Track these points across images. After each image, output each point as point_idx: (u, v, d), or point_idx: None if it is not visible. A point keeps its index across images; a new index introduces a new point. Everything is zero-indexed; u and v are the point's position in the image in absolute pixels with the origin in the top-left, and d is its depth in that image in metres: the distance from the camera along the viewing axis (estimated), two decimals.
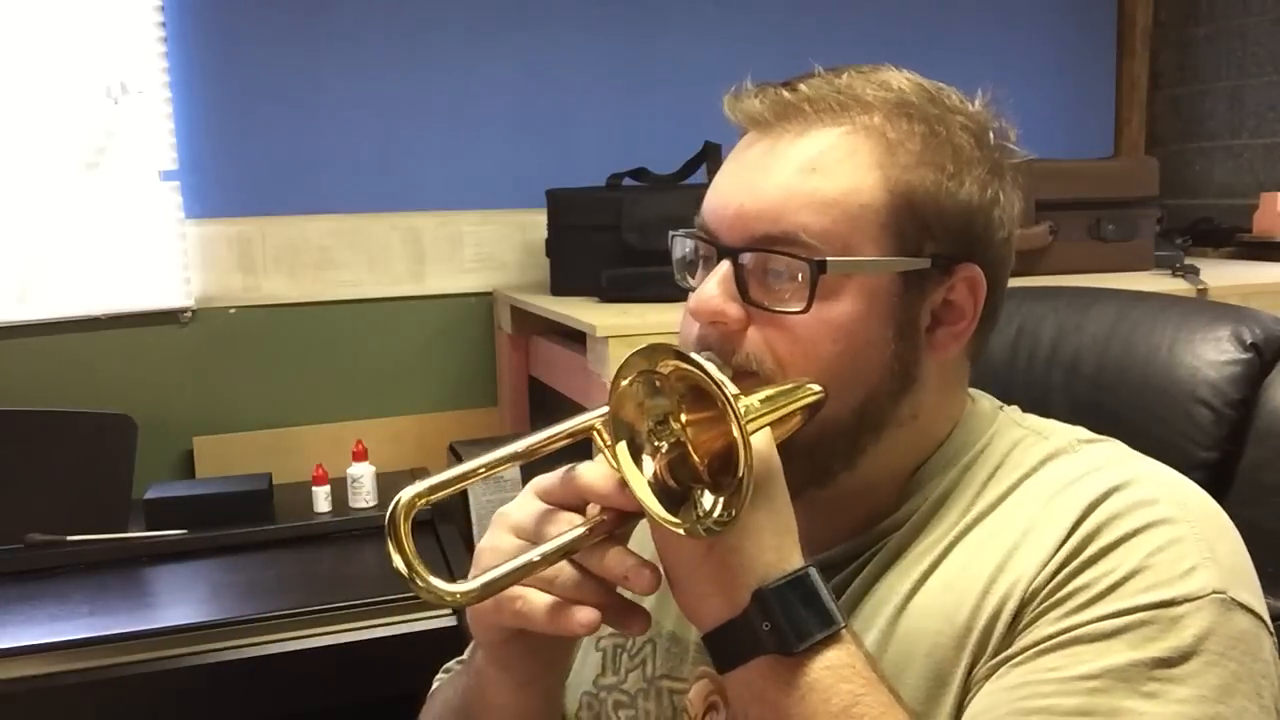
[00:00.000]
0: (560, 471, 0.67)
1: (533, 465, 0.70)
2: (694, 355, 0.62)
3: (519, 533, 0.67)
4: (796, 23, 2.37)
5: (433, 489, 0.63)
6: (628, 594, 0.66)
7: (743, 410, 0.60)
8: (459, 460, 2.11)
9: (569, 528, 0.65)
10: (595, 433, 0.66)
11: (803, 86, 0.74)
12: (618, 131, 2.26)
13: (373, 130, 2.16)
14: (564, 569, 0.65)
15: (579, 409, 0.70)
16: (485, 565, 0.65)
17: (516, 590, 0.65)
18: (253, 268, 2.12)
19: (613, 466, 0.65)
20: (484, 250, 2.25)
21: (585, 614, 0.64)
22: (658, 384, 0.64)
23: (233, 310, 2.11)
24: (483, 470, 0.65)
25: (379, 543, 1.74)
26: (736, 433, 0.59)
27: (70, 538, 1.70)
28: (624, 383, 0.64)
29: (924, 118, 0.73)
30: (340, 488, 1.89)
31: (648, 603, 0.83)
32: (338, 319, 2.17)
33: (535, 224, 2.16)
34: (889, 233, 0.71)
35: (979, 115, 0.76)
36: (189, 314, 2.08)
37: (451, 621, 1.51)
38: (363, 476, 1.88)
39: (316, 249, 2.15)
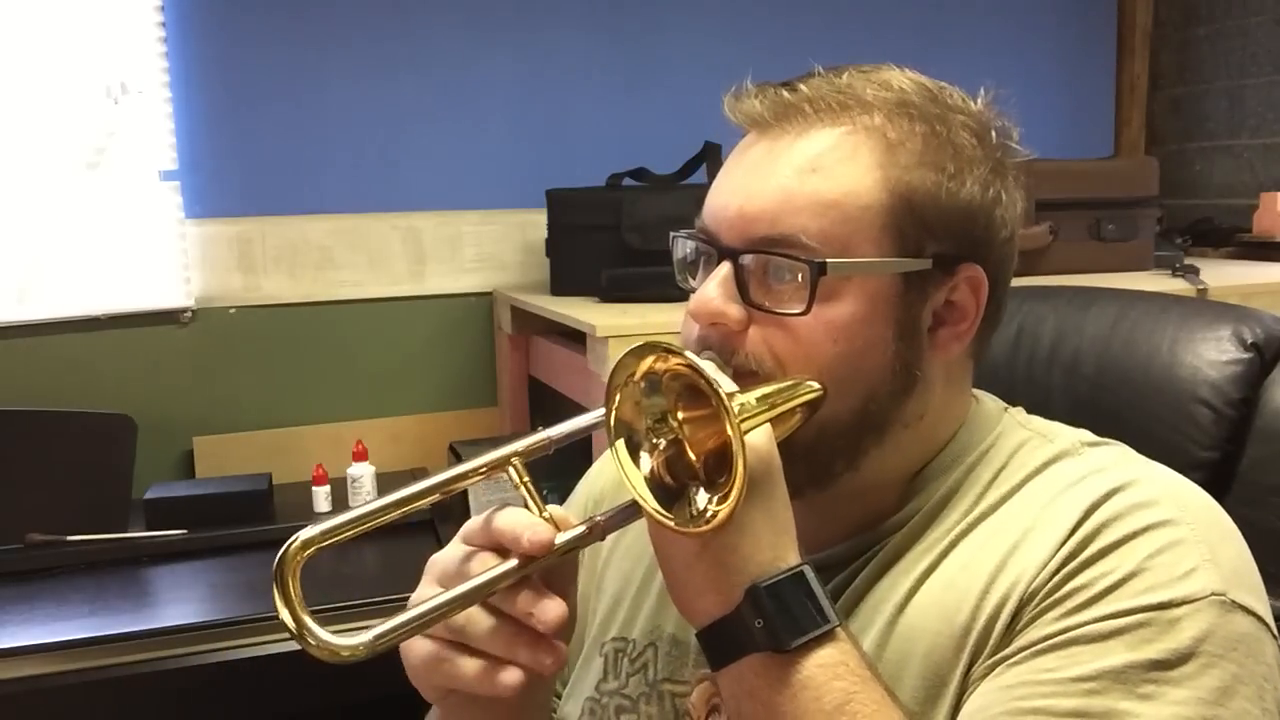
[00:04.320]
0: (485, 515, 0.67)
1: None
2: (689, 354, 0.62)
3: (442, 580, 0.66)
4: (797, 23, 2.37)
5: (326, 534, 0.60)
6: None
7: (737, 409, 0.60)
8: (459, 460, 2.11)
9: (484, 570, 0.64)
10: (511, 467, 0.66)
11: (803, 87, 0.73)
12: (618, 131, 2.25)
13: (373, 130, 2.16)
14: (475, 619, 0.64)
15: (579, 409, 0.70)
16: None
17: (444, 653, 0.65)
18: (253, 268, 2.12)
19: (533, 502, 0.65)
20: (484, 250, 2.25)
21: (509, 675, 0.63)
22: (655, 382, 0.64)
23: (233, 310, 2.11)
24: (382, 513, 0.63)
25: (379, 543, 1.74)
26: (731, 431, 0.59)
27: (70, 538, 1.70)
28: (619, 381, 0.64)
29: (925, 117, 0.73)
30: (340, 488, 1.89)
31: (649, 607, 0.83)
32: (338, 319, 2.17)
33: (535, 224, 2.16)
34: (889, 233, 0.71)
35: (981, 115, 0.75)
36: (189, 314, 2.08)
37: None
38: (363, 476, 1.88)
39: (316, 249, 2.15)
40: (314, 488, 1.87)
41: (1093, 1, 2.65)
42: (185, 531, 1.75)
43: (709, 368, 0.61)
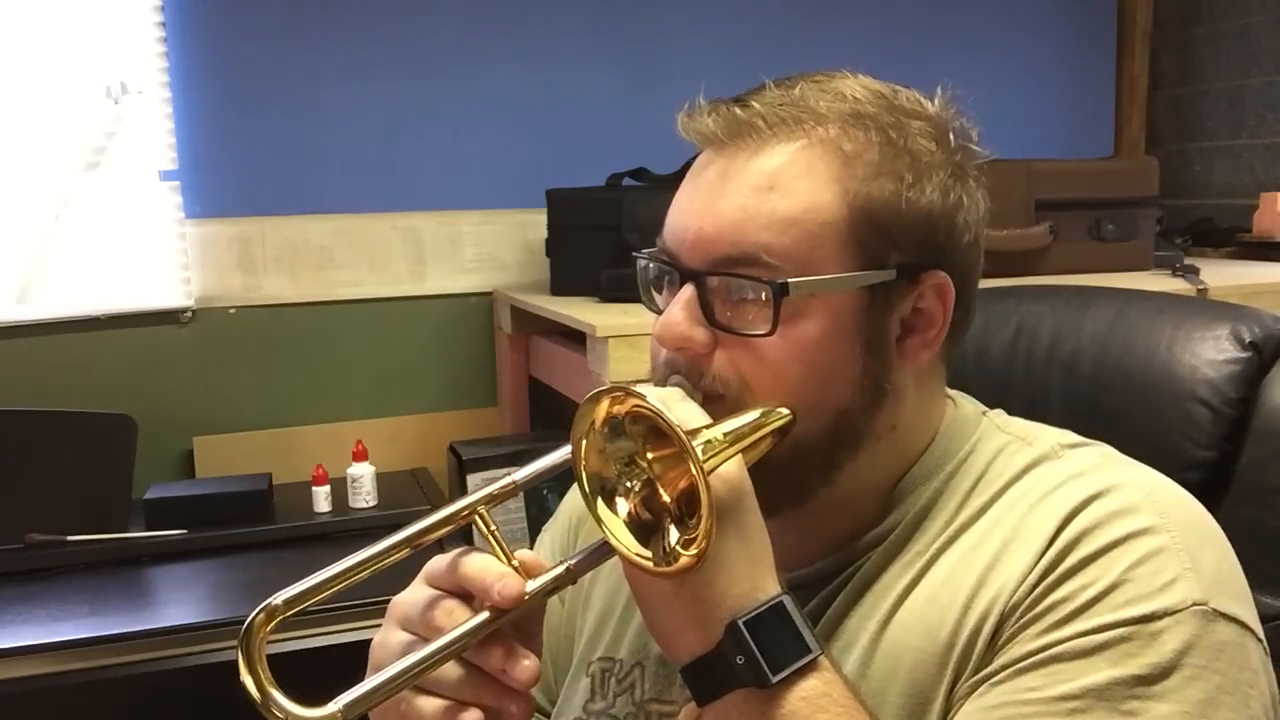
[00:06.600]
0: (450, 556, 0.66)
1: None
2: (648, 396, 0.61)
3: (405, 625, 0.66)
4: (796, 22, 2.37)
5: (291, 602, 0.60)
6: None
7: (701, 447, 0.59)
8: (459, 460, 2.10)
9: (452, 621, 0.63)
10: (477, 517, 0.65)
11: (755, 103, 0.72)
12: (618, 131, 2.25)
13: (373, 130, 2.16)
14: (443, 669, 0.63)
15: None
16: (376, 662, 0.64)
17: (403, 694, 0.64)
18: (253, 268, 2.12)
19: (500, 550, 0.64)
20: (484, 250, 2.25)
21: (470, 715, 0.63)
22: (619, 426, 0.63)
23: (233, 310, 2.11)
24: (348, 575, 0.62)
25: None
26: (695, 471, 0.59)
27: (70, 538, 1.70)
28: (582, 430, 0.63)
29: (880, 126, 0.71)
30: (340, 488, 1.89)
31: (635, 626, 0.82)
32: (338, 319, 2.17)
33: (535, 224, 2.16)
34: (851, 247, 0.69)
35: (937, 117, 0.74)
36: (189, 314, 2.08)
37: None
38: (363, 476, 1.88)
39: (316, 249, 2.15)
40: (314, 488, 1.87)
41: (1093, 1, 2.65)
42: (185, 531, 1.75)
43: (670, 407, 0.60)
